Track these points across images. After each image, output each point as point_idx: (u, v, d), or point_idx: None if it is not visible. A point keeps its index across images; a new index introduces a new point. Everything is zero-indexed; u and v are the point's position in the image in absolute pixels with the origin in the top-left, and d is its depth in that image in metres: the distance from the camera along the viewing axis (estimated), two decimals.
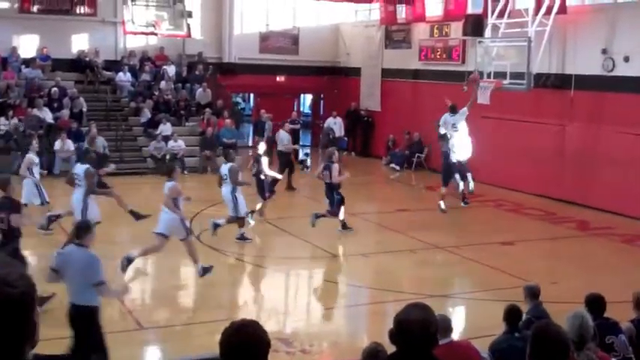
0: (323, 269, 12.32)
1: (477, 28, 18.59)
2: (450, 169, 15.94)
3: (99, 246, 7.82)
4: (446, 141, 15.98)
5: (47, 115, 20.18)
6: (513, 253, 13.00)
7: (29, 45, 22.39)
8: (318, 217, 13.68)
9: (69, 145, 19.33)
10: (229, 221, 12.94)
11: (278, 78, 25.63)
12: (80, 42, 23.10)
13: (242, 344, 2.67)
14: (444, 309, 9.07)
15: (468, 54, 20.26)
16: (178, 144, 20.61)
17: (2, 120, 19.66)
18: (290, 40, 25.82)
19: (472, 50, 19.42)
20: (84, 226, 7.20)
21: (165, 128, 21.08)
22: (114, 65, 22.89)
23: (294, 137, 20.24)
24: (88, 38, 23.11)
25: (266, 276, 11.91)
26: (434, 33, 22.00)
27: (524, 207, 16.98)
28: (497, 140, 18.31)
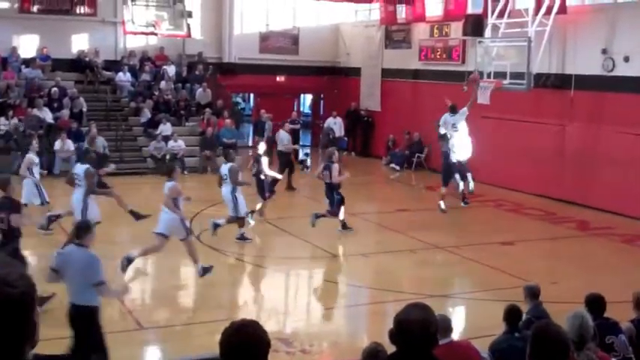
0: (323, 269, 12.32)
1: (477, 28, 18.60)
2: (450, 169, 15.92)
3: (99, 246, 7.82)
4: (446, 141, 15.97)
5: (47, 115, 20.18)
6: (513, 253, 13.00)
7: (29, 45, 22.39)
8: (318, 217, 13.68)
9: (69, 145, 19.33)
10: (229, 221, 12.93)
11: (278, 78, 25.64)
12: (80, 42, 23.10)
13: (242, 344, 2.67)
14: (444, 309, 9.06)
15: (468, 54, 20.26)
16: (178, 144, 20.60)
17: (2, 120, 19.65)
18: (290, 40, 25.82)
19: (472, 50, 19.41)
20: (84, 226, 7.21)
21: (165, 128, 21.07)
22: (114, 65, 22.90)
23: (294, 137, 20.24)
24: (88, 38, 23.11)
25: (266, 276, 11.91)
26: (434, 33, 22.00)
27: (524, 207, 16.98)
28: (497, 140, 18.31)
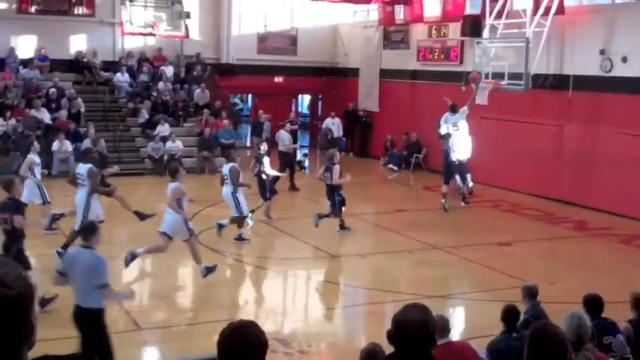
0: (321, 270, 12.32)
1: (475, 29, 18.63)
2: (451, 168, 16.01)
3: (100, 246, 7.80)
4: (447, 139, 16.04)
5: (45, 116, 20.16)
6: (511, 254, 13.00)
7: (27, 45, 22.37)
8: (321, 218, 13.68)
9: (67, 146, 19.31)
10: (233, 221, 12.98)
11: (276, 79, 25.64)
12: (78, 43, 23.08)
13: (240, 345, 2.67)
14: (442, 309, 9.05)
15: (466, 54, 20.27)
16: (176, 145, 20.59)
17: (0, 121, 19.64)
18: (288, 41, 25.82)
19: (470, 51, 19.42)
20: (90, 228, 7.16)
21: (163, 129, 21.06)
22: (112, 66, 22.89)
23: (292, 138, 20.22)
24: (86, 39, 23.09)
25: (264, 276, 11.90)
26: (432, 33, 22.02)
27: (522, 207, 16.99)
28: (495, 141, 18.31)
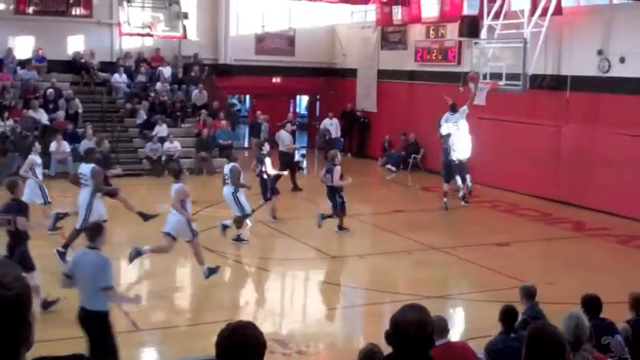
0: (319, 270, 12.32)
1: (473, 30, 18.64)
2: (452, 167, 16.08)
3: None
4: (447, 139, 16.10)
5: (43, 117, 20.14)
6: (509, 254, 13.01)
7: (25, 46, 22.34)
8: (324, 218, 13.67)
9: (64, 147, 19.29)
10: (237, 220, 13.02)
11: (274, 79, 25.64)
12: (76, 43, 23.06)
13: (238, 346, 2.67)
14: (440, 310, 9.04)
15: (464, 55, 20.28)
16: (174, 145, 20.57)
17: None
18: (286, 42, 25.82)
19: (468, 51, 19.43)
20: (96, 228, 7.13)
21: (161, 129, 21.04)
22: (109, 66, 22.88)
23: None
24: (84, 39, 23.08)
25: (262, 277, 11.88)
26: (430, 34, 22.02)
27: (520, 208, 17.00)
28: (493, 141, 18.31)
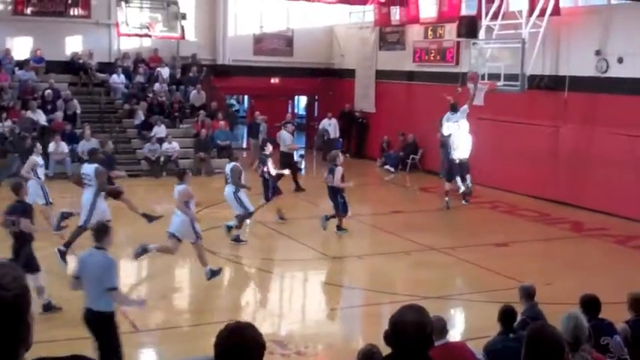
0: (318, 271, 12.31)
1: (471, 30, 18.65)
2: (453, 167, 16.14)
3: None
4: (448, 138, 16.14)
5: (41, 118, 20.12)
6: (508, 255, 13.02)
7: (23, 47, 22.32)
8: (328, 219, 13.67)
9: (63, 148, 19.29)
10: (240, 220, 13.04)
11: (272, 80, 25.63)
12: (74, 44, 23.05)
13: (237, 347, 2.66)
14: (439, 310, 9.02)
15: (462, 55, 20.27)
16: (172, 146, 20.57)
17: None
18: (284, 42, 25.82)
19: (466, 52, 19.41)
20: (102, 229, 7.13)
21: (159, 130, 21.03)
22: (108, 67, 22.86)
23: None
24: (82, 40, 23.07)
25: (261, 278, 11.88)
26: (428, 34, 22.02)
27: (518, 208, 17.00)
28: (491, 142, 18.30)
